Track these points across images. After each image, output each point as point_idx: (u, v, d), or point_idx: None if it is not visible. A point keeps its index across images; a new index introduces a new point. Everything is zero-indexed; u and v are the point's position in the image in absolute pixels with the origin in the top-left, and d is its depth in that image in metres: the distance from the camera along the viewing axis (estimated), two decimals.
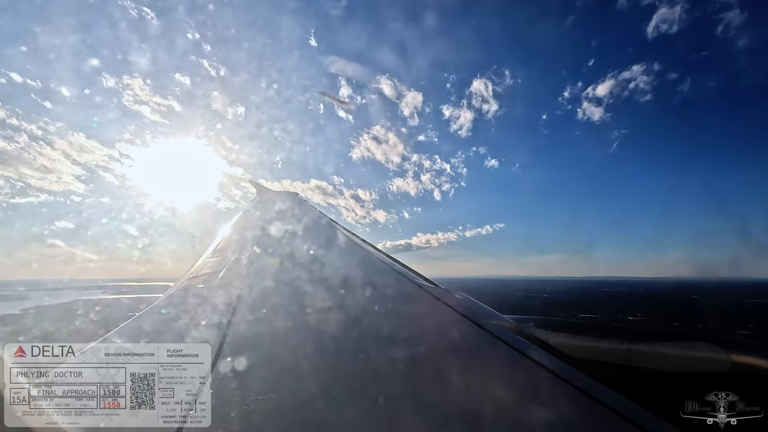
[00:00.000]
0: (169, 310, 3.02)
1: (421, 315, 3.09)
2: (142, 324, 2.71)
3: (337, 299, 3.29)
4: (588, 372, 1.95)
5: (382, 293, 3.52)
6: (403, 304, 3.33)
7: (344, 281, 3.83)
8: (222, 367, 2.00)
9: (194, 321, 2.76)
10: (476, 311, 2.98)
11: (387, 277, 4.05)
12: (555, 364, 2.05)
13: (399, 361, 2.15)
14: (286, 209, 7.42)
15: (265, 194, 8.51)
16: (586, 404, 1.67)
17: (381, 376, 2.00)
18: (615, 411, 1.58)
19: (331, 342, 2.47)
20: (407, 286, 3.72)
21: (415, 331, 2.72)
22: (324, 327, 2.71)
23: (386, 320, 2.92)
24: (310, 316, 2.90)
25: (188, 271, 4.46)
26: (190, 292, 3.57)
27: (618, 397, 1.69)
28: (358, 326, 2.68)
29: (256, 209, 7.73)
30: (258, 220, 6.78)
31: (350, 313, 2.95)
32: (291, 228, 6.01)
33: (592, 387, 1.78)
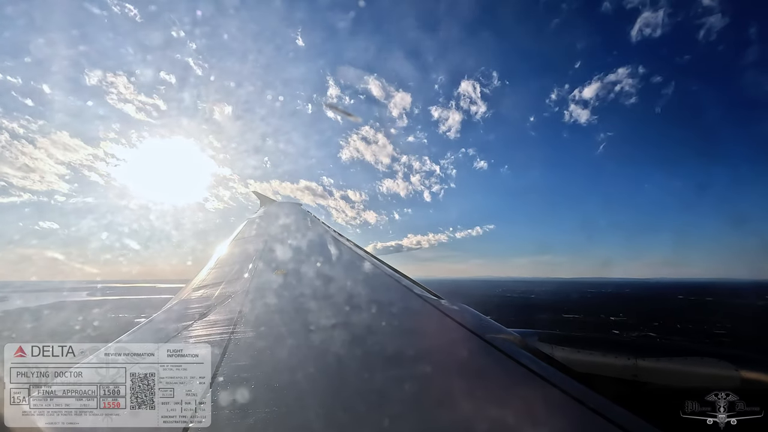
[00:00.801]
0: (173, 321, 3.03)
1: (425, 329, 3.09)
2: (143, 334, 2.73)
3: (341, 311, 3.30)
4: (594, 387, 1.90)
5: (387, 307, 3.52)
6: (408, 318, 3.33)
7: (348, 294, 3.84)
8: (224, 370, 2.00)
9: (197, 329, 2.76)
10: (480, 325, 2.96)
11: (391, 291, 4.06)
12: (560, 379, 2.00)
13: (402, 374, 2.13)
14: (290, 220, 7.44)
15: (268, 204, 8.52)
16: (592, 421, 1.64)
17: (382, 385, 2.00)
18: (622, 428, 1.55)
19: (334, 346, 2.48)
20: (412, 300, 3.73)
21: (419, 346, 2.70)
22: (326, 334, 2.72)
23: (389, 332, 2.92)
24: (313, 327, 2.91)
25: (191, 281, 4.48)
26: (194, 302, 3.59)
27: (625, 414, 1.65)
28: (360, 338, 2.69)
29: (259, 219, 7.73)
30: (262, 230, 6.79)
31: (353, 325, 2.96)
32: (295, 239, 6.02)
33: (598, 403, 1.74)
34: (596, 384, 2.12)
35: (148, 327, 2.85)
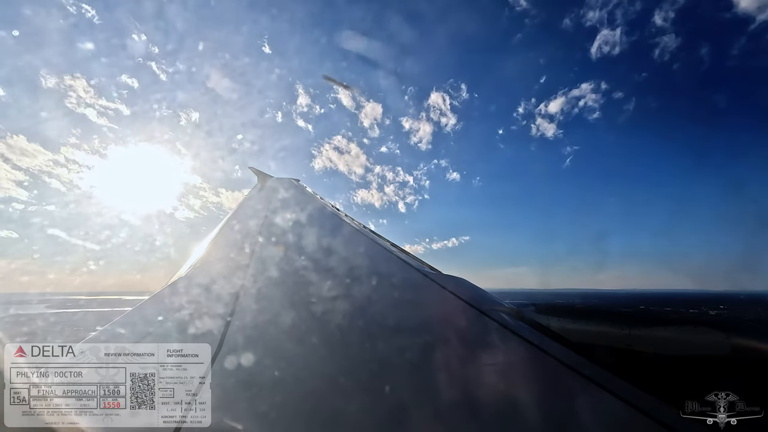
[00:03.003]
0: (171, 300, 3.03)
1: (424, 302, 3.14)
2: (141, 315, 2.72)
3: (343, 288, 3.31)
4: (589, 356, 1.97)
5: (387, 281, 3.55)
6: (407, 291, 3.37)
7: (349, 269, 3.85)
8: (223, 362, 2.01)
9: (197, 313, 2.75)
10: (478, 297, 3.02)
11: (391, 264, 4.08)
12: (557, 349, 2.07)
13: (403, 351, 2.17)
14: (289, 196, 7.38)
15: (266, 181, 8.46)
16: (589, 389, 1.68)
17: (385, 367, 2.02)
18: (619, 396, 1.59)
19: (336, 336, 2.48)
20: (411, 273, 3.77)
21: (419, 318, 2.76)
22: (329, 318, 2.72)
23: (391, 308, 2.95)
24: (315, 306, 2.92)
25: (189, 259, 4.44)
26: (192, 282, 3.53)
27: (621, 383, 1.70)
28: (362, 317, 2.71)
29: (258, 196, 7.62)
30: (261, 207, 6.70)
31: (355, 302, 2.98)
32: (295, 215, 5.99)
33: (594, 372, 1.80)
34: (592, 354, 2.18)
35: (143, 309, 2.83)
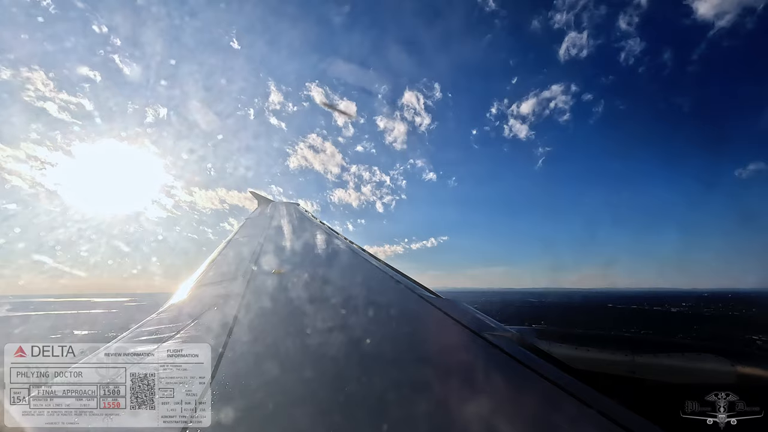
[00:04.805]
0: (172, 319, 3.03)
1: (424, 327, 3.13)
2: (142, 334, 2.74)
3: (340, 309, 3.35)
4: (592, 384, 1.92)
5: (386, 306, 3.57)
6: (406, 316, 3.38)
7: (348, 294, 3.89)
8: (223, 369, 2.01)
9: (196, 328, 2.76)
10: (477, 322, 2.99)
11: (391, 290, 4.12)
12: (558, 376, 2.03)
13: (400, 371, 2.15)
14: (288, 220, 7.48)
15: (265, 204, 8.57)
16: (590, 417, 1.65)
17: (380, 382, 2.01)
18: (620, 424, 1.56)
19: (332, 345, 2.49)
20: (411, 298, 3.80)
21: (417, 343, 2.74)
22: (325, 332, 2.74)
23: (388, 331, 2.95)
24: (311, 326, 2.93)
25: (189, 279, 4.48)
26: (193, 300, 3.59)
27: (622, 410, 1.67)
28: (359, 337, 2.71)
29: (258, 219, 7.78)
30: (260, 230, 6.82)
31: (353, 324, 2.99)
32: (294, 239, 6.05)
33: (595, 399, 1.76)
34: (594, 381, 2.13)
35: (146, 327, 2.85)
